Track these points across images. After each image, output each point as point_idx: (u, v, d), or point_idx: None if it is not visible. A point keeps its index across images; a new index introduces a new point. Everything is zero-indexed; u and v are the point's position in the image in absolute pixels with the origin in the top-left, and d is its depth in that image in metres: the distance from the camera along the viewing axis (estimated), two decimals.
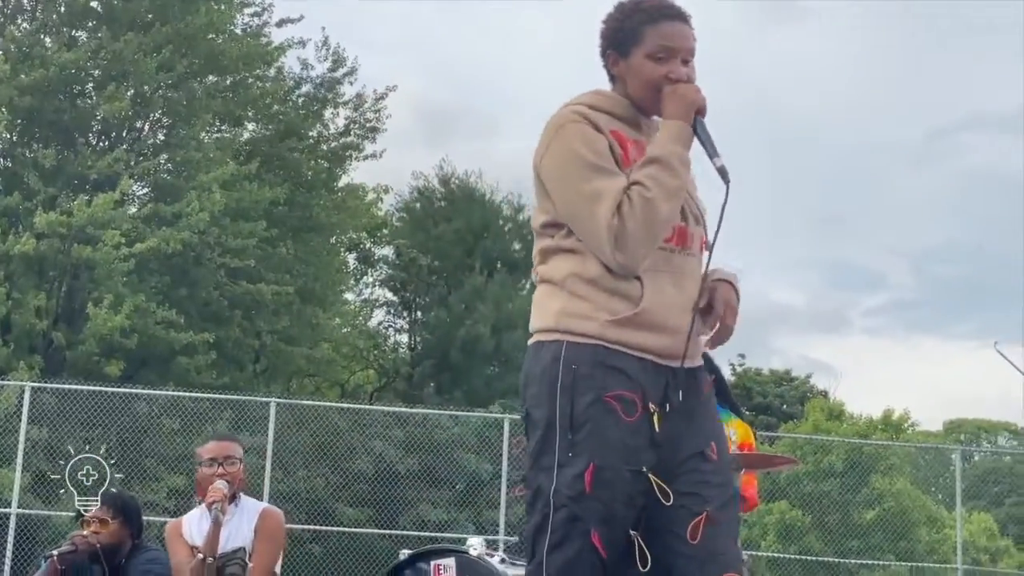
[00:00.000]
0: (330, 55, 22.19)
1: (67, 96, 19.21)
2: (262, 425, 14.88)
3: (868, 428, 22.69)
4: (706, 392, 3.09)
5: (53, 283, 18.82)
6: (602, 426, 2.89)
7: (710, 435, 3.02)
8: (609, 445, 2.89)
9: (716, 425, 3.09)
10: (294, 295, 20.28)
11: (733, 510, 3.01)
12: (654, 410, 2.92)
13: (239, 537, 5.47)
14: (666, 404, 2.94)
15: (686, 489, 2.94)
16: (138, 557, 5.61)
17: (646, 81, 3.05)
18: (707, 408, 3.07)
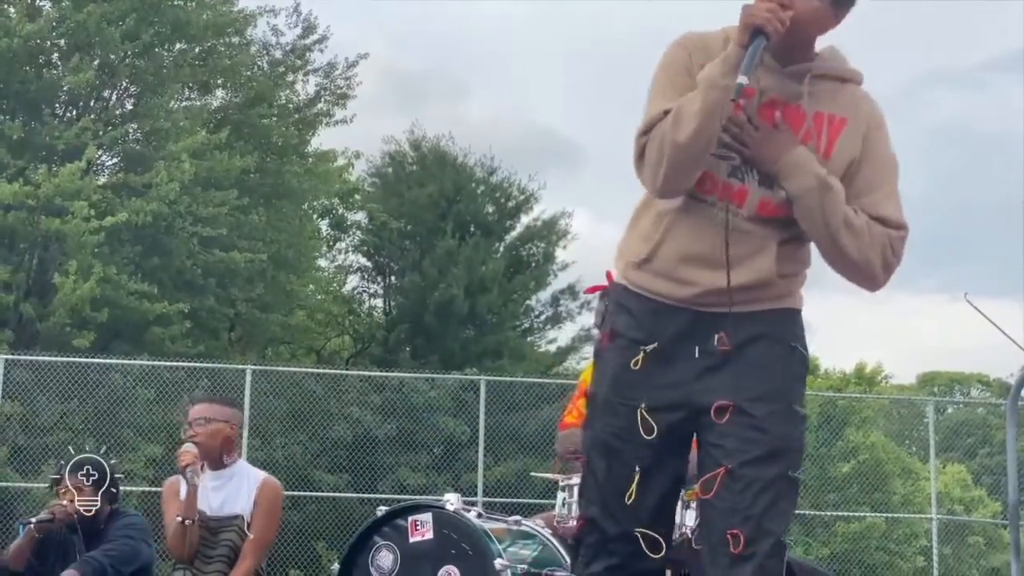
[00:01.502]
0: (300, 22, 22.09)
1: (33, 67, 19.05)
2: (238, 393, 14.88)
3: (842, 382, 22.84)
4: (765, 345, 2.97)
5: (23, 256, 18.71)
6: (604, 360, 3.10)
7: (756, 388, 2.93)
8: (605, 378, 3.07)
9: (772, 381, 2.95)
10: (267, 262, 20.23)
11: (772, 467, 2.89)
12: (648, 350, 2.99)
13: (237, 504, 5.47)
14: (673, 346, 2.99)
15: (713, 440, 2.96)
16: (115, 522, 5.62)
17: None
18: (761, 360, 2.96)
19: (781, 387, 2.95)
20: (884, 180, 2.97)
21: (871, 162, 2.96)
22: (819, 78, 2.97)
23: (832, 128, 2.95)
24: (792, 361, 2.99)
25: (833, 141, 2.94)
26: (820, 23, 2.93)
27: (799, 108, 2.94)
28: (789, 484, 2.93)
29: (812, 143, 2.93)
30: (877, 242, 2.92)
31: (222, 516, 5.44)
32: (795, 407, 2.96)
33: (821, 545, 18.55)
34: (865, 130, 2.96)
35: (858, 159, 2.95)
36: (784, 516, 2.93)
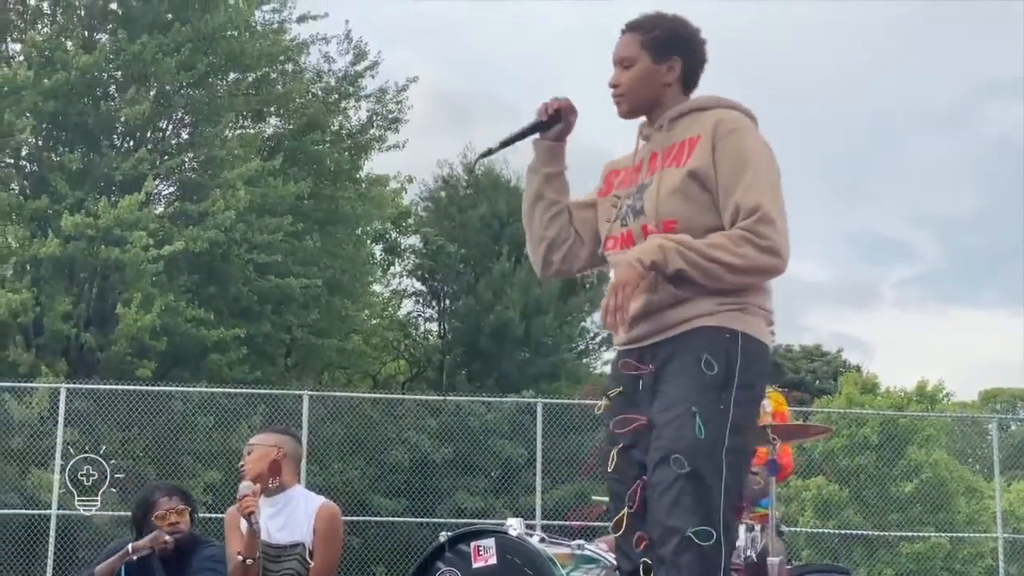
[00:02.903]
0: (352, 49, 22.23)
1: (90, 99, 19.28)
2: (295, 419, 14.92)
3: (903, 401, 22.56)
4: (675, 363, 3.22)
5: (83, 286, 18.91)
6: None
7: (663, 401, 3.19)
8: (604, 432, 3.42)
9: (674, 387, 3.18)
10: (322, 288, 20.33)
11: (670, 469, 3.07)
12: (611, 395, 3.37)
13: (296, 531, 5.36)
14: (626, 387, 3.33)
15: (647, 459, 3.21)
16: (200, 553, 5.55)
17: None
18: (671, 375, 3.22)
19: (683, 394, 3.15)
20: (740, 174, 3.23)
21: (725, 163, 3.25)
22: (676, 119, 3.42)
23: (690, 147, 3.33)
24: (698, 370, 3.16)
25: (690, 154, 3.31)
26: (652, 81, 3.43)
27: (670, 147, 3.38)
28: (691, 480, 3.05)
29: (673, 164, 3.33)
30: (738, 239, 3.17)
31: (283, 544, 5.34)
32: (693, 408, 3.10)
33: (885, 566, 18.30)
34: (713, 138, 3.28)
35: (712, 164, 3.26)
36: (691, 511, 3.03)
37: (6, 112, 18.02)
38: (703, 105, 3.41)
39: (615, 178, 3.53)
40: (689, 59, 3.45)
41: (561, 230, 3.54)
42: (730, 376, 3.16)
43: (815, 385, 30.25)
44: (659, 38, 3.42)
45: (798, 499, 18.72)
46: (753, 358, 3.22)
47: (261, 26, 21.28)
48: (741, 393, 3.16)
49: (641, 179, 3.40)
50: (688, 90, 3.47)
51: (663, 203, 3.28)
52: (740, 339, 3.20)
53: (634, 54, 3.43)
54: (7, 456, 15.44)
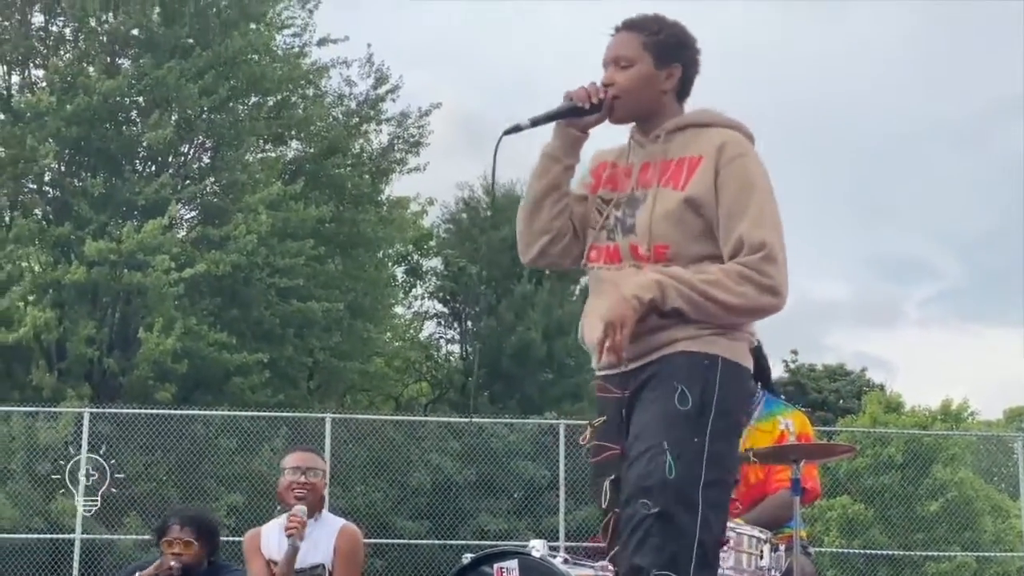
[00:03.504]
0: (373, 72, 22.28)
1: (113, 124, 19.39)
2: (318, 441, 14.93)
3: (927, 420, 22.45)
4: (650, 390, 3.13)
5: (106, 310, 18.99)
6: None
7: (635, 430, 3.11)
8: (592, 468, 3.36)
9: (647, 417, 3.10)
10: (344, 311, 20.36)
11: (638, 507, 3.00)
12: (595, 424, 3.31)
13: (318, 552, 5.41)
14: (609, 414, 3.26)
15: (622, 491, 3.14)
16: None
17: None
18: (646, 404, 3.13)
19: (655, 427, 3.06)
20: (745, 205, 3.13)
21: (729, 190, 3.15)
22: (675, 132, 3.29)
23: (690, 167, 3.20)
24: (671, 402, 3.06)
25: (690, 178, 3.19)
26: (651, 86, 3.30)
27: (667, 162, 3.26)
28: (658, 520, 2.97)
29: (671, 184, 3.21)
30: (738, 277, 3.09)
31: (304, 567, 5.38)
32: (664, 444, 3.01)
33: None
34: (718, 161, 3.17)
35: (714, 188, 3.16)
36: (656, 550, 2.96)
37: (29, 138, 18.14)
38: (704, 121, 3.31)
39: (603, 172, 3.42)
40: (688, 67, 3.34)
41: (564, 224, 3.40)
42: (706, 406, 3.06)
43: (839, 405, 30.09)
44: (663, 42, 3.30)
45: (823, 519, 18.63)
46: (732, 384, 3.13)
47: (282, 50, 21.38)
48: (719, 422, 3.07)
49: (631, 188, 3.29)
50: (682, 100, 3.36)
51: (656, 226, 3.18)
52: (719, 365, 3.11)
53: (635, 55, 3.29)
54: (32, 480, 15.48)
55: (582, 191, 3.41)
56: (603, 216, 3.33)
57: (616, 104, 3.28)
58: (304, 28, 21.65)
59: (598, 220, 3.34)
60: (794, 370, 32.09)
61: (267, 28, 20.91)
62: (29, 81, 20.05)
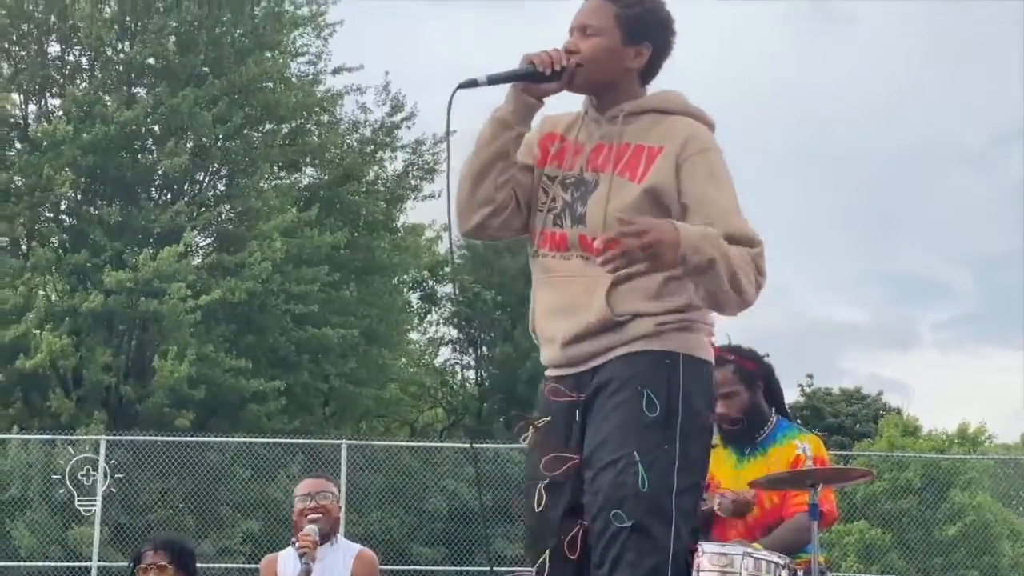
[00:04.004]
0: (389, 100, 22.35)
1: (129, 153, 19.49)
2: (334, 468, 14.93)
3: (944, 443, 22.36)
4: (612, 395, 2.95)
5: (122, 338, 19.04)
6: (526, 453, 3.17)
7: (597, 438, 2.94)
8: (527, 464, 3.16)
9: (612, 425, 2.92)
10: (360, 337, 20.38)
11: (611, 520, 2.86)
12: (538, 424, 3.10)
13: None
14: (557, 417, 3.05)
15: (582, 499, 2.98)
16: None
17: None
18: (609, 410, 2.94)
19: (621, 434, 2.90)
20: (715, 193, 2.96)
21: (696, 180, 2.97)
22: (634, 115, 3.08)
23: (649, 157, 3.01)
24: (638, 408, 2.90)
25: (648, 168, 2.99)
26: (615, 61, 3.06)
27: (621, 145, 3.05)
28: (634, 533, 2.85)
29: (627, 174, 3.01)
30: (750, 268, 2.91)
31: None
32: (634, 454, 2.87)
33: None
34: (680, 154, 2.99)
35: (676, 179, 2.98)
36: (633, 566, 2.85)
37: (46, 167, 18.24)
38: (665, 107, 3.10)
39: (550, 145, 3.18)
40: (658, 49, 3.11)
41: (507, 196, 3.13)
42: (672, 411, 2.91)
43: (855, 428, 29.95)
44: (638, 18, 3.07)
45: (841, 544, 18.54)
46: (696, 383, 2.97)
47: (297, 78, 21.48)
48: (687, 423, 2.92)
49: (580, 168, 3.09)
50: (646, 81, 3.15)
51: (612, 218, 2.92)
52: (681, 363, 2.95)
53: (604, 25, 3.05)
54: (50, 508, 15.50)
55: (528, 160, 3.18)
56: (548, 196, 3.13)
57: (577, 72, 3.04)
58: (319, 56, 21.77)
59: (544, 200, 3.14)
60: (810, 394, 31.94)
61: (282, 56, 21.02)
62: (46, 110, 20.19)
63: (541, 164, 3.17)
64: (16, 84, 19.91)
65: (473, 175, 3.12)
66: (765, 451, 4.85)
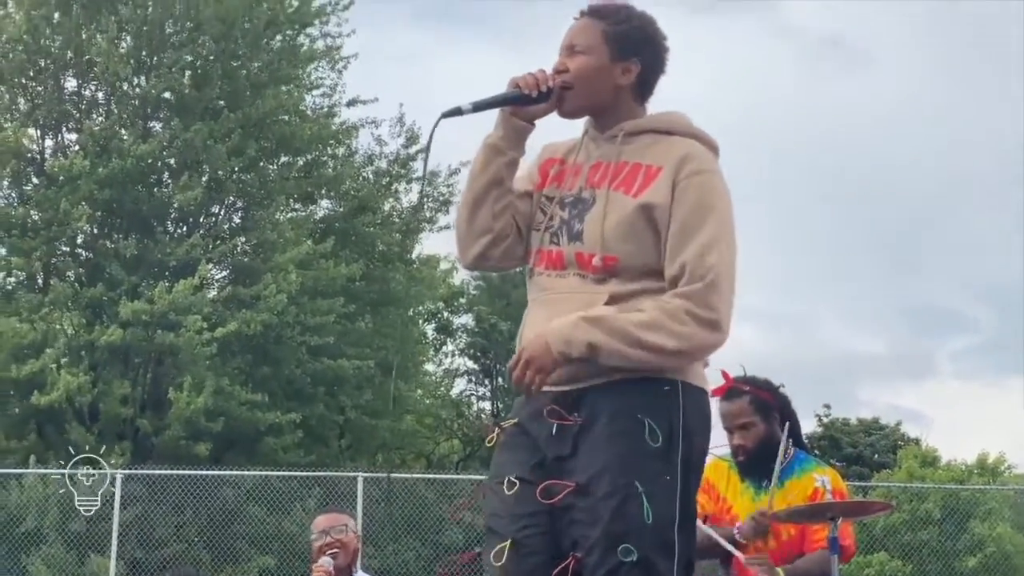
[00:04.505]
0: (404, 131, 22.42)
1: (144, 186, 19.56)
2: (350, 500, 14.88)
3: (964, 474, 22.22)
4: (609, 420, 2.87)
5: (138, 371, 19.06)
6: (494, 454, 3.12)
7: (598, 466, 2.84)
8: (491, 467, 3.14)
9: (613, 454, 2.84)
10: (375, 369, 20.36)
11: (612, 554, 2.78)
12: (504, 425, 3.06)
13: None
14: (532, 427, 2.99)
15: (565, 527, 2.89)
16: None
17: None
18: (606, 437, 2.86)
19: (621, 463, 2.82)
20: (698, 226, 2.89)
21: (684, 206, 2.91)
22: (634, 134, 3.04)
23: (647, 176, 2.96)
24: (639, 437, 2.83)
25: (645, 187, 2.94)
26: (603, 78, 3.02)
27: (619, 163, 3.00)
28: (638, 567, 2.78)
29: (623, 188, 2.96)
30: (679, 314, 2.84)
31: None
32: (637, 485, 2.80)
33: None
34: (676, 175, 2.93)
35: (670, 201, 2.92)
36: None
37: (63, 201, 18.32)
38: (666, 127, 3.06)
39: (551, 168, 3.15)
40: (649, 65, 3.06)
41: (507, 223, 3.09)
42: (673, 440, 2.85)
43: (874, 459, 29.79)
44: (625, 34, 3.02)
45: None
46: (695, 409, 2.92)
47: (312, 110, 21.56)
48: (688, 456, 2.87)
49: (579, 188, 3.04)
50: (643, 100, 3.10)
51: (609, 235, 2.93)
52: (681, 390, 2.89)
53: (591, 43, 3.01)
54: (66, 542, 15.48)
55: (528, 187, 3.14)
56: (546, 216, 3.08)
57: (565, 95, 3.01)
58: (333, 88, 21.86)
59: (541, 220, 3.09)
60: (827, 424, 31.80)
61: (297, 89, 21.10)
62: (62, 145, 20.28)
63: (540, 187, 3.14)
64: (33, 119, 20.01)
65: (469, 204, 3.09)
66: (783, 483, 4.81)
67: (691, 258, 2.86)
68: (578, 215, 3.01)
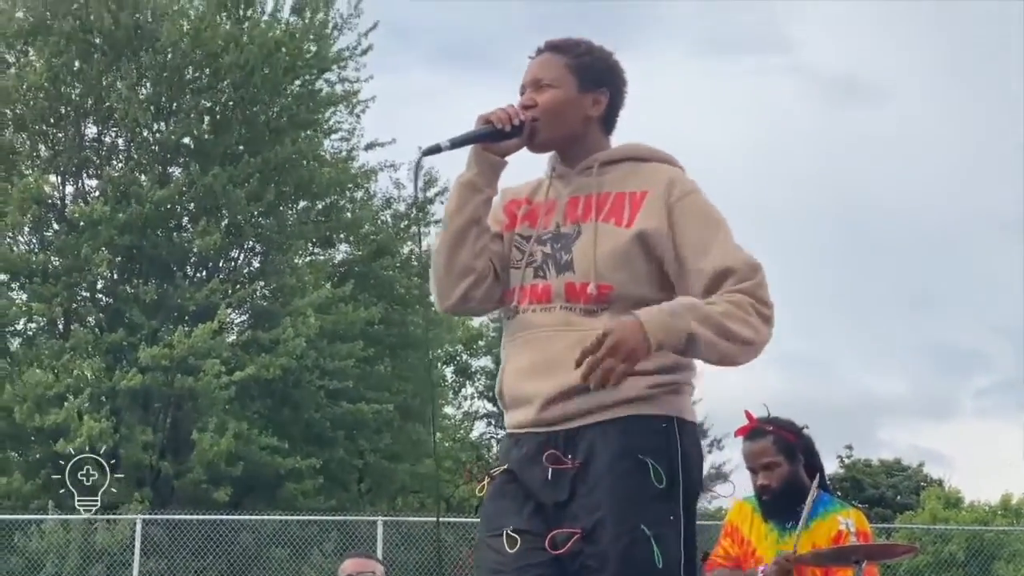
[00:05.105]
0: (422, 174, 22.47)
1: (164, 231, 19.65)
2: (370, 545, 14.84)
3: (988, 515, 22.06)
4: (609, 461, 2.77)
5: (158, 415, 19.08)
6: (484, 504, 2.99)
7: (602, 510, 2.76)
8: (483, 518, 2.98)
9: (617, 497, 2.76)
10: (394, 412, 20.34)
11: None
12: (493, 474, 2.96)
13: None
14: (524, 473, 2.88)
15: (573, 574, 2.80)
16: None
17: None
18: (608, 479, 2.77)
19: (626, 507, 2.75)
20: (714, 235, 2.85)
21: (691, 225, 2.86)
22: (609, 164, 2.99)
23: (633, 203, 2.90)
24: (643, 478, 2.76)
25: (635, 214, 2.89)
26: (574, 110, 2.98)
27: (603, 195, 2.95)
28: None
29: (613, 219, 2.90)
30: (747, 307, 2.77)
31: None
32: (644, 528, 2.73)
33: None
34: (667, 198, 2.88)
35: (668, 226, 2.86)
36: None
37: (83, 247, 18.40)
38: (640, 155, 3.02)
39: (517, 209, 3.08)
40: (616, 95, 3.04)
41: (486, 264, 3.01)
42: (675, 480, 2.79)
43: (896, 500, 29.61)
44: (589, 65, 3.00)
45: None
46: (693, 448, 2.85)
47: (330, 155, 21.65)
48: (688, 493, 2.82)
49: (555, 224, 2.97)
50: (609, 131, 3.07)
51: (602, 263, 2.85)
52: (677, 427, 2.82)
53: (557, 76, 2.98)
54: None
55: (496, 228, 3.07)
56: (525, 253, 2.99)
57: (536, 127, 2.97)
58: (352, 132, 21.96)
59: (519, 258, 3.00)
60: (849, 465, 31.65)
61: (316, 134, 21.21)
62: (83, 191, 20.41)
63: (510, 228, 3.06)
64: (54, 166, 20.15)
65: (449, 246, 3.02)
66: (807, 525, 4.78)
67: (729, 260, 2.82)
68: (563, 247, 2.94)
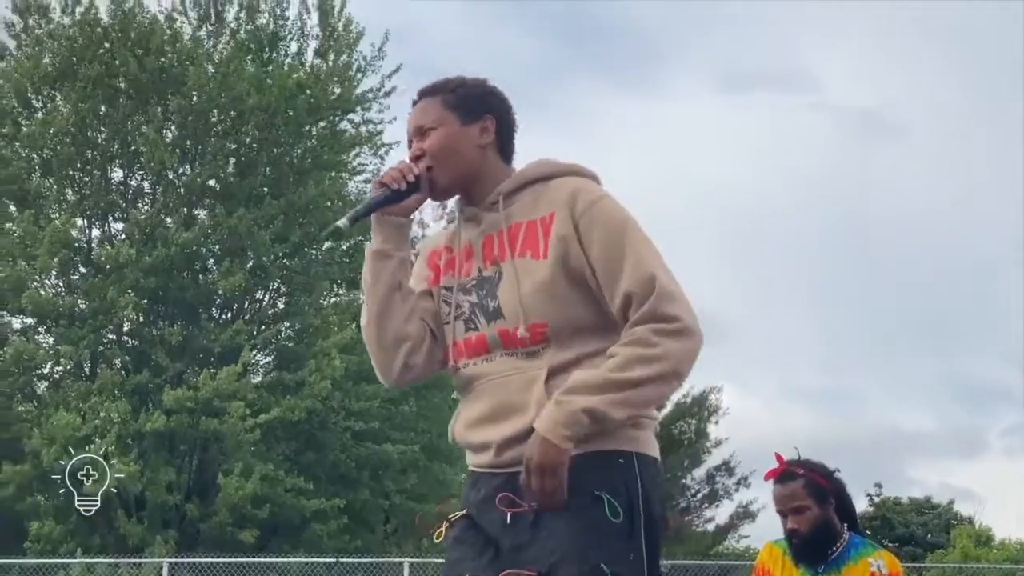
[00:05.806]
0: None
1: (189, 273, 19.73)
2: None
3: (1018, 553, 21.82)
4: (571, 495, 2.64)
5: (184, 457, 19.08)
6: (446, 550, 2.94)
7: (560, 550, 2.65)
8: (444, 566, 2.94)
9: (573, 536, 2.64)
10: (420, 453, 20.30)
11: None
12: (452, 519, 2.91)
13: None
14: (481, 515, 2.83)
15: None
16: None
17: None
18: (565, 516, 2.65)
19: (584, 546, 2.63)
20: (620, 251, 2.72)
21: (598, 241, 2.74)
22: (514, 193, 2.88)
23: (544, 228, 2.79)
24: (599, 515, 2.65)
25: (547, 239, 2.77)
26: (464, 144, 2.87)
27: (513, 228, 2.84)
28: None
29: (528, 253, 2.78)
30: (648, 338, 2.65)
31: None
32: (604, 568, 2.61)
33: None
34: (573, 213, 2.76)
35: (579, 243, 2.74)
36: None
37: (110, 290, 18.48)
38: (543, 174, 2.90)
39: (438, 260, 2.98)
40: (503, 118, 2.93)
41: (419, 326, 2.91)
42: (635, 515, 2.68)
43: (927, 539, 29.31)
44: (465, 95, 2.91)
45: None
46: (652, 483, 2.74)
47: (355, 196, 21.74)
48: (649, 529, 2.70)
49: (478, 269, 2.86)
50: (508, 159, 2.95)
51: (528, 302, 2.74)
52: (636, 463, 2.72)
53: (436, 116, 2.89)
54: None
55: (423, 286, 2.97)
56: (452, 306, 2.89)
57: (432, 176, 2.87)
58: (376, 174, 22.02)
59: (448, 312, 2.90)
60: (879, 504, 31.37)
61: (340, 175, 21.31)
62: (109, 234, 20.52)
63: (436, 282, 2.97)
64: (81, 210, 20.28)
65: (376, 318, 2.93)
66: (839, 569, 4.72)
67: (630, 281, 2.70)
68: (488, 294, 2.83)
